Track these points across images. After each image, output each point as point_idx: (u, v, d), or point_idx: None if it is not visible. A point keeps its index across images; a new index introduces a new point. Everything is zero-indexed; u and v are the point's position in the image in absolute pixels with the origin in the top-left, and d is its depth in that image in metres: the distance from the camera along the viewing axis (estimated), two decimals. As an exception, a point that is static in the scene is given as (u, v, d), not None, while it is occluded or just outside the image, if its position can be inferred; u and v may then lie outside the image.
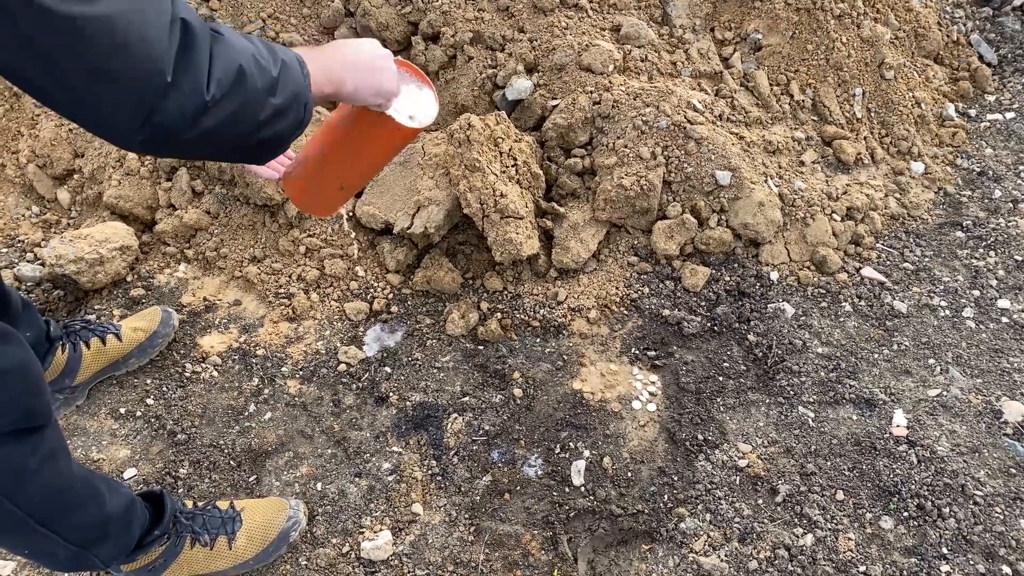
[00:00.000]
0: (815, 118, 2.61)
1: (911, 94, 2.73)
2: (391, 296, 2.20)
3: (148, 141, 0.88)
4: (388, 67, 1.22)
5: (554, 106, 2.37)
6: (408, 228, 2.16)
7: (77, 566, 1.43)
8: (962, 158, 2.74)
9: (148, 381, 1.99)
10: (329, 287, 2.20)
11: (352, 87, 1.16)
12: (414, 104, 1.31)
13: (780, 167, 2.41)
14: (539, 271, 2.26)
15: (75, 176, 2.42)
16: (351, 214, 2.25)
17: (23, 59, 0.79)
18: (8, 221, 2.36)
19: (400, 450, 1.87)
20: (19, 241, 2.29)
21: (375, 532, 1.72)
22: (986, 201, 2.58)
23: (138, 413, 1.92)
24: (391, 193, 2.23)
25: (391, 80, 1.22)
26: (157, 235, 2.30)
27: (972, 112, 2.94)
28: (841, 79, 2.61)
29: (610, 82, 2.35)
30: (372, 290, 2.21)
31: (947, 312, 2.22)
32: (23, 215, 2.39)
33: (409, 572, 1.66)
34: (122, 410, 1.93)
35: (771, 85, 2.57)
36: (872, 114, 2.67)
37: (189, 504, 1.64)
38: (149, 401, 1.95)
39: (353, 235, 2.19)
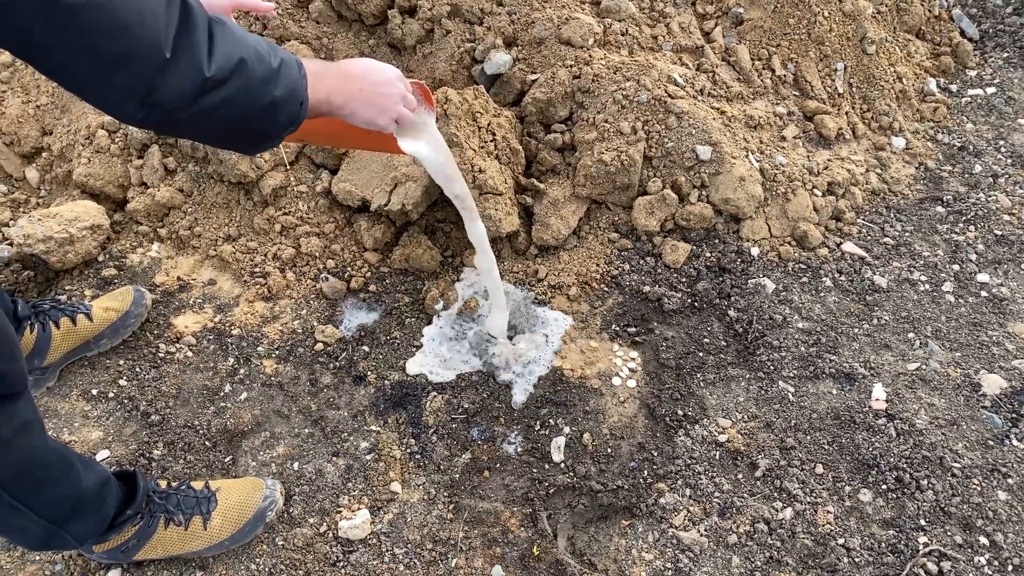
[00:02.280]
0: (796, 93, 2.59)
1: (893, 69, 2.72)
2: (369, 274, 2.17)
3: (148, 118, 0.93)
4: (388, 106, 1.30)
5: (533, 80, 2.34)
6: (385, 205, 2.12)
7: (49, 544, 1.41)
8: (943, 133, 2.73)
9: (121, 362, 1.95)
10: (305, 265, 2.17)
11: (348, 112, 1.25)
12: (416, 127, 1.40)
13: (761, 142, 2.40)
14: (519, 248, 2.24)
15: (44, 154, 2.36)
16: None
17: (29, 47, 0.84)
18: (-25, 201, 2.31)
19: (378, 429, 1.85)
20: (-14, 221, 2.24)
21: (353, 511, 1.70)
22: (966, 176, 2.58)
23: (111, 394, 1.89)
24: (368, 170, 2.20)
25: (390, 115, 1.31)
26: (129, 214, 2.25)
27: (953, 87, 2.94)
28: (823, 53, 2.59)
29: (590, 56, 2.32)
30: (349, 268, 2.18)
31: (927, 286, 2.22)
32: (-9, 194, 2.34)
33: (387, 551, 1.65)
34: (94, 391, 1.89)
35: (752, 60, 2.54)
36: (854, 89, 2.65)
37: (163, 484, 1.62)
38: (122, 382, 1.91)
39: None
